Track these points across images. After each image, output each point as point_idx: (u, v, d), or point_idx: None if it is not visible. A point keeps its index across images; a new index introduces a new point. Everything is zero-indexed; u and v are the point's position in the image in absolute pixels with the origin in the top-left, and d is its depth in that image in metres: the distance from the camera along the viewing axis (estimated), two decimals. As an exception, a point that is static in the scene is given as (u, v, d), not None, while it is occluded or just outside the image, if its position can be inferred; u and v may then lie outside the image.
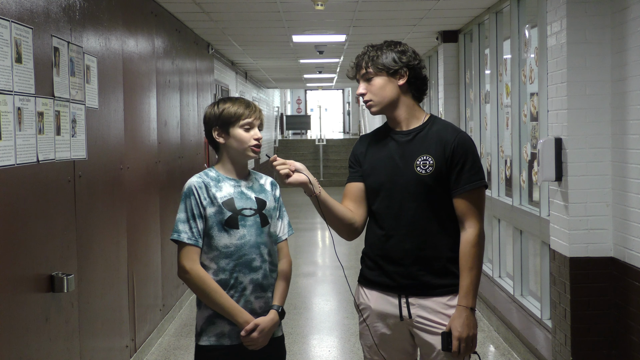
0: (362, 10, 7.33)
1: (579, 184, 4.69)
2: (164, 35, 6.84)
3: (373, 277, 2.97)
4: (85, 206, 4.38)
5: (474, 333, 2.82)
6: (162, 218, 6.49)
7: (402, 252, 2.87)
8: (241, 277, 2.89)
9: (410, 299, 2.88)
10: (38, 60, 3.68)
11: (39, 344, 3.67)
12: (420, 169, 2.85)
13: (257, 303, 2.92)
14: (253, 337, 2.87)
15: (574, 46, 4.66)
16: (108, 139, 4.92)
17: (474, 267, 2.82)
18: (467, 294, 2.81)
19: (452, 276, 2.87)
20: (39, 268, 3.71)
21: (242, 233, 2.89)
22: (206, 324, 2.91)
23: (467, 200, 2.83)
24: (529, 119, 6.10)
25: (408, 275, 2.87)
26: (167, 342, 6.13)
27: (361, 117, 27.06)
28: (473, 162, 2.85)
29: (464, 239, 2.84)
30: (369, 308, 2.98)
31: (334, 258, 10.32)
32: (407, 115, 2.93)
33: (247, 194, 2.95)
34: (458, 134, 2.88)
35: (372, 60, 2.89)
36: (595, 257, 4.69)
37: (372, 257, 2.98)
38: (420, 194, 2.84)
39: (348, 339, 6.12)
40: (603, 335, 4.68)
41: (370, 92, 2.92)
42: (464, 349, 2.80)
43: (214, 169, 2.99)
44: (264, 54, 11.53)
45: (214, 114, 2.94)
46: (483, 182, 2.87)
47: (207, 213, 2.88)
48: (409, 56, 2.91)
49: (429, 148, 2.86)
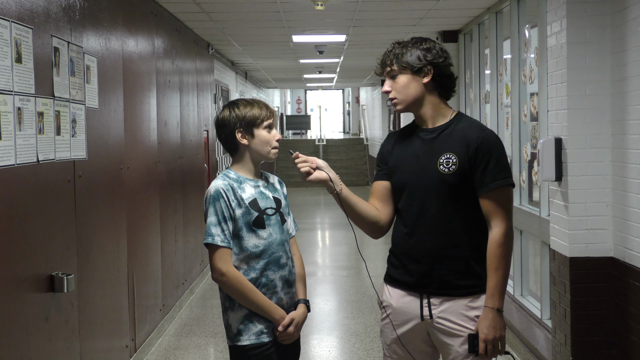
0: (362, 10, 7.33)
1: (579, 184, 4.69)
2: (164, 35, 6.84)
3: (397, 275, 2.96)
4: (85, 206, 4.38)
5: (502, 335, 2.77)
6: (162, 218, 6.49)
7: (424, 251, 2.85)
8: (272, 275, 2.95)
9: (432, 299, 2.86)
10: (38, 60, 3.68)
11: (39, 344, 3.66)
12: (443, 167, 2.81)
13: (286, 299, 3.00)
14: (289, 331, 2.96)
15: (574, 46, 4.66)
16: (108, 139, 4.92)
17: (499, 267, 2.76)
18: (493, 295, 2.77)
19: (474, 277, 2.83)
20: (39, 268, 3.71)
21: (269, 232, 2.95)
22: (244, 324, 2.95)
23: (492, 199, 2.78)
24: (529, 119, 6.10)
25: (430, 274, 2.85)
26: (167, 342, 6.13)
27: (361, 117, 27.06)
28: (497, 161, 2.79)
29: (490, 238, 2.79)
30: (391, 306, 2.97)
31: (334, 258, 10.33)
32: (433, 113, 2.89)
33: (266, 194, 3.01)
34: (482, 131, 2.83)
35: (397, 57, 2.86)
36: (595, 257, 4.69)
37: (396, 256, 2.97)
38: (443, 192, 2.81)
39: (348, 339, 6.12)
40: (603, 335, 4.68)
41: (394, 89, 2.89)
42: (490, 351, 2.76)
43: (232, 171, 3.02)
44: (264, 54, 11.53)
45: (237, 116, 2.97)
46: (508, 180, 2.81)
47: (236, 215, 2.92)
48: (434, 54, 2.85)
49: (453, 146, 2.82)
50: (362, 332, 6.23)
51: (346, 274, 8.85)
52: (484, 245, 2.82)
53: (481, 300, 2.82)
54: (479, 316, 2.81)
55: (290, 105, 34.82)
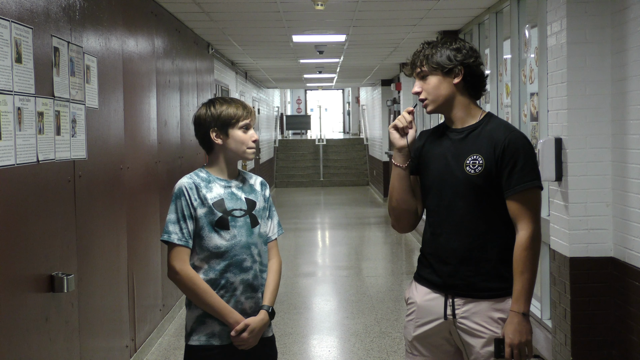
0: (362, 10, 7.33)
1: (579, 184, 4.69)
2: (164, 35, 6.84)
3: (425, 274, 2.94)
4: (85, 206, 4.38)
5: (528, 339, 2.74)
6: (162, 218, 6.49)
7: (450, 251, 2.84)
8: (232, 277, 2.90)
9: (457, 299, 2.84)
10: (38, 60, 3.68)
11: (39, 344, 3.67)
12: (469, 169, 2.80)
13: (247, 303, 2.94)
14: (243, 337, 2.89)
15: (574, 46, 4.66)
16: (108, 139, 4.92)
17: (525, 271, 2.73)
18: (518, 299, 2.74)
19: (500, 279, 2.80)
20: (39, 268, 3.71)
21: (233, 234, 2.90)
22: (196, 324, 2.93)
23: (518, 201, 2.75)
24: (529, 119, 6.10)
25: (455, 275, 2.83)
26: (167, 342, 6.13)
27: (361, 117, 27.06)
28: (525, 162, 2.76)
29: (516, 241, 2.76)
30: (416, 303, 2.95)
31: (334, 258, 10.33)
32: (463, 114, 2.87)
33: (238, 195, 2.96)
34: (510, 133, 2.80)
35: (427, 58, 2.83)
36: (595, 257, 4.69)
37: (425, 255, 2.96)
38: (470, 193, 2.79)
39: (348, 339, 6.12)
40: (603, 335, 4.68)
41: (425, 90, 2.87)
42: (516, 355, 2.74)
43: (204, 170, 2.99)
44: (264, 54, 11.53)
45: (212, 115, 2.93)
46: (536, 182, 2.77)
47: (198, 214, 2.88)
48: (464, 54, 2.82)
49: (480, 147, 2.80)
50: (362, 332, 6.23)
51: (346, 274, 8.85)
52: (511, 248, 2.79)
53: (506, 303, 2.80)
54: (502, 318, 2.79)
55: (290, 105, 34.82)
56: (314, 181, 21.61)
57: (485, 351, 2.80)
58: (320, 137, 23.84)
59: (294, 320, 6.55)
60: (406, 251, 10.52)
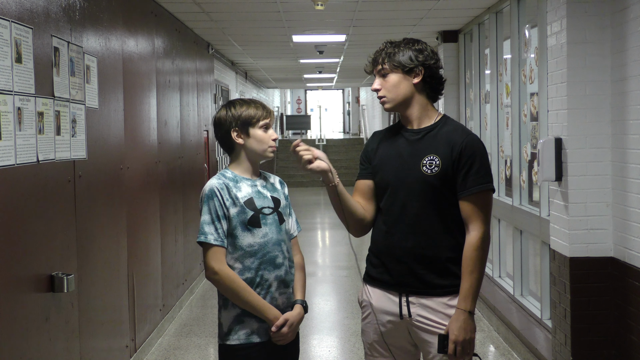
0: (362, 10, 7.33)
1: (579, 184, 4.69)
2: (164, 35, 6.84)
3: (376, 274, 2.98)
4: (85, 206, 4.38)
5: (471, 337, 2.81)
6: (162, 218, 6.49)
7: (403, 250, 2.88)
8: (266, 274, 2.94)
9: (411, 297, 2.89)
10: (38, 60, 3.68)
11: (39, 344, 3.67)
12: (426, 169, 2.85)
13: (280, 299, 2.99)
14: (283, 332, 2.94)
15: (574, 46, 4.66)
16: (108, 139, 4.92)
17: (474, 270, 2.80)
18: (466, 298, 2.80)
19: (453, 277, 2.87)
20: (39, 268, 3.71)
21: (265, 231, 2.95)
22: (234, 323, 2.95)
23: (472, 203, 2.82)
24: (529, 119, 6.10)
25: (409, 273, 2.88)
26: (167, 342, 6.13)
27: (361, 117, 27.07)
28: (480, 165, 2.83)
29: (467, 241, 2.83)
30: (370, 305, 2.99)
31: (334, 258, 10.33)
32: (420, 114, 2.93)
33: (264, 193, 3.02)
34: (467, 136, 2.87)
35: (389, 56, 2.89)
36: (595, 257, 4.69)
37: (375, 254, 2.99)
38: (425, 193, 2.84)
39: (348, 339, 6.12)
40: (603, 335, 4.68)
41: (384, 88, 2.92)
42: (459, 352, 2.80)
43: (229, 170, 3.04)
44: (264, 54, 11.53)
45: (233, 116, 2.99)
46: (490, 185, 2.85)
47: (231, 213, 2.93)
48: (426, 55, 2.89)
49: (437, 148, 2.86)
50: (362, 332, 6.22)
51: (346, 274, 8.85)
52: (462, 247, 2.85)
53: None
54: None
55: (290, 105, 34.82)
56: (314, 181, 21.61)
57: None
58: (321, 137, 23.85)
59: (294, 320, 6.54)
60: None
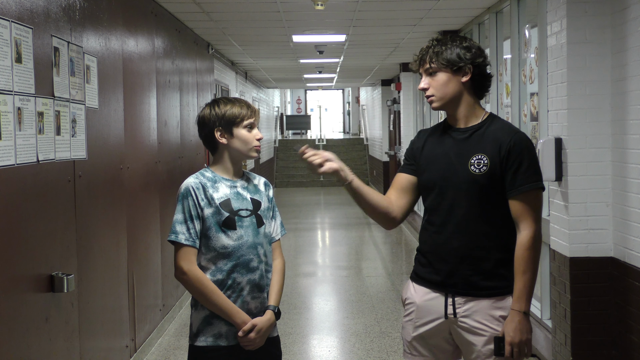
0: (362, 10, 7.33)
1: (579, 184, 4.69)
2: (164, 35, 6.84)
3: (423, 273, 2.95)
4: (85, 206, 4.38)
5: (528, 338, 2.77)
6: (162, 218, 6.49)
7: (450, 250, 2.85)
8: (239, 277, 2.90)
9: (457, 298, 2.85)
10: (38, 60, 3.68)
11: (39, 344, 3.66)
12: (474, 168, 2.81)
13: (253, 303, 2.94)
14: (250, 337, 2.89)
15: (574, 46, 4.66)
16: (108, 139, 4.92)
17: (527, 270, 2.76)
18: (519, 298, 2.76)
19: (500, 278, 2.82)
20: (39, 268, 3.71)
21: (240, 234, 2.91)
22: (203, 325, 2.92)
23: (522, 201, 2.78)
24: (529, 119, 6.10)
25: (456, 273, 2.84)
26: (167, 342, 6.13)
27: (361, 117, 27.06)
28: (529, 164, 2.79)
29: (518, 241, 2.79)
30: (415, 303, 2.95)
31: (334, 258, 10.33)
32: (467, 113, 2.89)
33: (243, 195, 2.97)
34: (515, 134, 2.83)
35: (437, 55, 2.84)
36: (595, 257, 4.69)
37: (424, 254, 2.96)
38: (473, 193, 2.81)
39: (348, 339, 6.12)
40: (603, 335, 4.68)
41: (432, 87, 2.88)
42: (516, 354, 2.76)
43: (209, 170, 3.00)
44: (264, 54, 11.53)
45: (216, 115, 2.95)
46: (540, 183, 2.81)
47: (205, 214, 2.88)
48: (474, 53, 2.84)
49: (485, 147, 2.82)
50: (362, 332, 6.23)
51: (346, 274, 8.85)
52: (511, 248, 2.81)
53: (506, 301, 2.82)
54: (503, 316, 2.81)
55: (290, 105, 34.81)
56: (314, 181, 21.61)
57: (486, 349, 2.82)
58: (321, 137, 23.84)
59: (294, 320, 6.55)
60: (406, 251, 10.52)
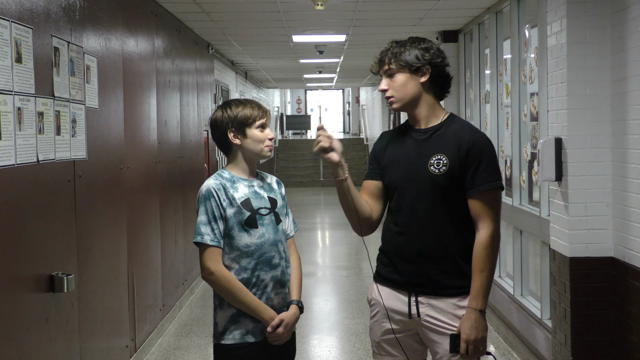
0: (362, 10, 7.33)
1: (579, 184, 4.69)
2: (164, 35, 6.84)
3: (386, 274, 2.98)
4: (85, 206, 4.38)
5: (483, 336, 2.81)
6: (162, 218, 6.49)
7: (413, 250, 2.88)
8: (262, 275, 2.96)
9: (420, 297, 2.88)
10: (38, 60, 3.68)
11: (39, 344, 3.67)
12: (434, 168, 2.84)
13: (276, 299, 3.00)
14: (279, 332, 2.95)
15: (574, 46, 4.66)
16: (108, 139, 4.92)
17: (484, 269, 2.79)
18: (477, 296, 2.80)
19: (463, 277, 2.86)
20: (39, 268, 3.71)
21: (262, 232, 2.96)
22: (229, 323, 2.96)
23: (481, 201, 2.81)
24: (529, 119, 6.10)
25: (419, 273, 2.87)
26: (167, 342, 6.13)
27: (361, 117, 27.06)
28: (488, 163, 2.82)
29: (477, 240, 2.82)
30: (380, 304, 2.98)
31: (334, 258, 10.33)
32: (427, 114, 2.91)
33: (261, 194, 3.03)
34: (475, 134, 2.86)
35: (395, 56, 2.88)
36: (595, 257, 4.69)
37: (386, 254, 2.99)
38: (434, 193, 2.84)
39: (348, 339, 6.12)
40: (603, 335, 4.68)
41: (392, 88, 2.90)
42: (472, 351, 2.80)
43: (226, 171, 3.04)
44: (264, 54, 11.53)
45: (229, 117, 2.99)
46: (498, 183, 2.84)
47: (227, 214, 2.93)
48: (432, 53, 2.87)
49: (445, 147, 2.85)
50: (362, 332, 6.22)
51: (346, 274, 8.85)
52: (472, 246, 2.84)
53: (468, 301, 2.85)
54: None
55: (290, 105, 34.81)
56: (314, 181, 21.61)
57: None
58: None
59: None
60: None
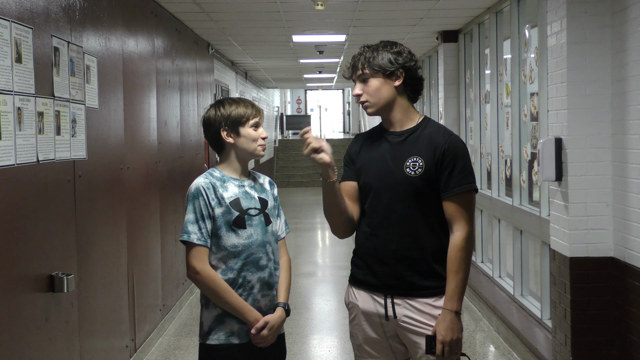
0: (362, 10, 7.33)
1: (579, 184, 4.69)
2: (164, 35, 6.84)
3: (361, 276, 2.99)
4: (85, 206, 4.38)
5: (459, 337, 2.82)
6: (162, 218, 6.49)
7: (388, 252, 2.89)
8: (249, 276, 2.94)
9: (396, 299, 2.89)
10: (38, 60, 3.68)
11: (39, 344, 3.67)
12: (409, 170, 2.85)
13: (263, 301, 2.98)
14: (263, 334, 2.93)
15: (574, 46, 4.66)
16: (108, 139, 4.92)
17: (459, 270, 2.81)
18: (452, 298, 2.81)
19: (438, 278, 2.87)
20: (39, 268, 3.71)
21: (250, 232, 2.94)
22: (215, 323, 2.94)
23: (456, 203, 2.83)
24: (529, 119, 6.10)
25: (394, 275, 2.88)
26: (167, 342, 6.13)
27: (361, 117, 27.07)
28: (463, 166, 2.84)
29: (451, 242, 2.84)
30: (357, 307, 2.99)
31: (334, 258, 10.33)
32: (402, 117, 2.93)
33: (251, 194, 3.00)
34: (449, 137, 2.88)
35: (368, 61, 2.88)
36: (595, 257, 4.69)
37: (360, 256, 3.01)
38: (409, 195, 2.85)
39: (348, 339, 6.09)
40: (603, 335, 4.68)
41: (366, 93, 2.91)
42: (447, 352, 2.81)
43: (217, 170, 3.02)
44: (264, 54, 11.53)
45: (222, 115, 2.98)
46: (473, 185, 2.86)
47: (215, 213, 2.91)
48: (405, 57, 2.89)
49: (420, 150, 2.87)
50: (362, 332, 6.22)
51: (346, 274, 8.80)
52: (446, 248, 2.86)
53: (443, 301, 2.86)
54: None
55: (290, 105, 34.80)
56: (314, 181, 21.60)
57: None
58: (321, 137, 23.80)
59: (294, 320, 6.55)
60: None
